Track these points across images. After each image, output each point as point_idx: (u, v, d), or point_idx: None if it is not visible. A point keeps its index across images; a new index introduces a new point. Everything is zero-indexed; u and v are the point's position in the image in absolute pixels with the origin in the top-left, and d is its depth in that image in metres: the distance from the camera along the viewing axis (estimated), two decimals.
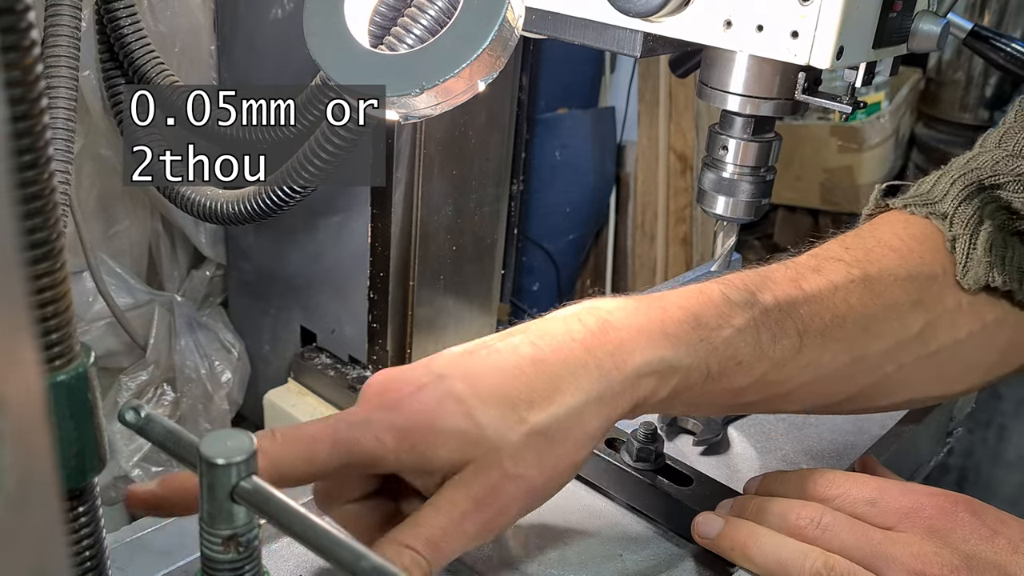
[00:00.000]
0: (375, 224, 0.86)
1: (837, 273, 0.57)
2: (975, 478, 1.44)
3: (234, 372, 1.04)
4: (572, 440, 0.47)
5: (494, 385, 0.46)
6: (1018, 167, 0.63)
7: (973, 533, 0.50)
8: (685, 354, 0.50)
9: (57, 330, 0.27)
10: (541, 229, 1.58)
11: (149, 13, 0.85)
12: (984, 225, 0.60)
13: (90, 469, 0.30)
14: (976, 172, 0.63)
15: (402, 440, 0.44)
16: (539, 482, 0.46)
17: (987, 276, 0.59)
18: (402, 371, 0.48)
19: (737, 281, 0.54)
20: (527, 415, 0.45)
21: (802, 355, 0.54)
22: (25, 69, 0.22)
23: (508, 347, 0.48)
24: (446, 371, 0.46)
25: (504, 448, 0.45)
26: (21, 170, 0.23)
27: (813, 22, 0.52)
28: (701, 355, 0.50)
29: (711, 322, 0.51)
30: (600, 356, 0.48)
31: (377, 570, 0.28)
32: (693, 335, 0.50)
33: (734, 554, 0.54)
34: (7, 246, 0.18)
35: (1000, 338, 0.63)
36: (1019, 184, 0.62)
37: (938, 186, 0.63)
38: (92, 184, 0.94)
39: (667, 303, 0.51)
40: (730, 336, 0.51)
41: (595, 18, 0.59)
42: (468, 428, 0.45)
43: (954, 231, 0.60)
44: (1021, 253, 0.61)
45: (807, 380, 0.55)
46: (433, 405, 0.45)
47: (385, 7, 0.62)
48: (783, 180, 1.83)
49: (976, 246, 0.59)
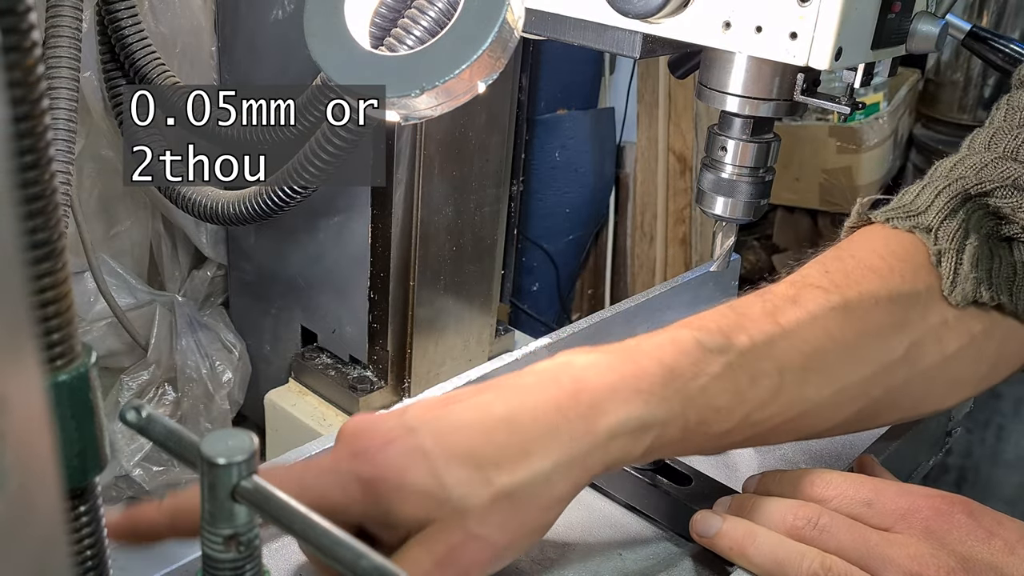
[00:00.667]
0: (375, 224, 0.86)
1: (816, 301, 0.55)
2: (974, 478, 1.44)
3: (235, 372, 1.04)
4: (539, 504, 0.46)
5: (463, 444, 0.45)
6: (1007, 170, 0.61)
7: (969, 534, 0.50)
8: (659, 409, 0.49)
9: (58, 330, 0.27)
10: (541, 229, 1.58)
11: (150, 14, 0.85)
12: (970, 239, 0.58)
13: (91, 469, 0.30)
14: (961, 182, 0.60)
15: (367, 493, 0.44)
16: (503, 544, 0.45)
17: (975, 292, 0.58)
18: (374, 420, 0.47)
19: (711, 324, 0.53)
20: (494, 477, 0.44)
21: (783, 393, 0.53)
22: (27, 70, 0.22)
23: (481, 404, 0.47)
24: (417, 425, 0.45)
25: (469, 510, 0.44)
26: (22, 170, 0.23)
27: (812, 23, 0.52)
28: (677, 408, 0.49)
29: (685, 372, 0.50)
30: (572, 418, 0.47)
31: (377, 570, 0.28)
32: (667, 388, 0.49)
33: (732, 553, 0.54)
34: (9, 246, 0.18)
35: (989, 349, 0.61)
36: (1007, 189, 0.60)
37: (921, 197, 0.61)
38: (93, 184, 0.95)
39: (640, 355, 0.50)
40: (706, 384, 0.50)
41: (594, 19, 0.59)
42: (433, 487, 0.44)
43: (939, 245, 0.58)
44: (1008, 263, 0.60)
45: (792, 416, 0.54)
46: (400, 460, 0.44)
47: (385, 8, 0.62)
48: (782, 181, 1.83)
49: (963, 262, 0.58)
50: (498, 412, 0.47)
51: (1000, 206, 0.60)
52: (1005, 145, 0.63)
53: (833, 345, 0.54)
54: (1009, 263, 0.60)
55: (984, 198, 0.60)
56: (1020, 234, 0.61)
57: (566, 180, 1.59)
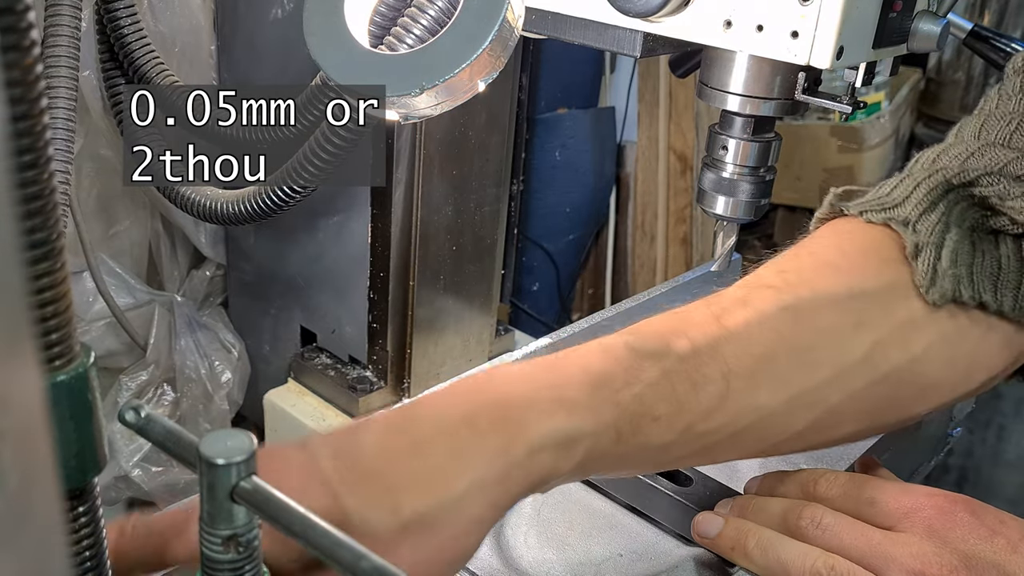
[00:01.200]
0: (375, 224, 0.86)
1: (766, 302, 0.51)
2: (975, 478, 1.44)
3: (234, 372, 1.04)
4: (453, 528, 0.42)
5: (367, 468, 0.41)
6: (996, 157, 0.57)
7: (972, 533, 0.50)
8: (586, 421, 0.45)
9: (57, 330, 0.27)
10: (541, 229, 1.58)
11: (149, 13, 0.85)
12: (951, 233, 0.54)
13: (90, 469, 0.30)
14: (943, 172, 0.56)
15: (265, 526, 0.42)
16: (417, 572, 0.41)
17: (954, 290, 0.53)
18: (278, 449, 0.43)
19: (649, 329, 0.49)
20: (402, 501, 0.41)
21: (731, 400, 0.48)
22: (25, 69, 0.22)
23: (390, 427, 0.43)
24: (319, 451, 0.42)
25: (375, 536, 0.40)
26: (21, 170, 0.23)
27: (813, 22, 0.52)
28: (607, 418, 0.45)
29: (616, 381, 0.46)
30: (486, 435, 0.43)
31: (377, 570, 0.27)
32: (595, 398, 0.45)
33: (734, 554, 0.54)
34: (7, 246, 0.18)
35: (963, 351, 0.56)
36: (994, 177, 0.55)
37: (899, 189, 0.57)
38: (92, 184, 0.94)
39: (566, 364, 0.47)
40: (641, 392, 0.46)
41: (595, 18, 0.59)
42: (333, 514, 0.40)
43: (917, 238, 0.54)
44: (993, 257, 0.55)
45: (742, 426, 0.49)
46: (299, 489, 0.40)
47: (385, 7, 0.62)
48: (783, 180, 1.82)
49: (941, 257, 0.53)
50: (408, 432, 0.43)
51: (987, 195, 0.55)
52: (997, 132, 0.59)
53: (784, 348, 0.51)
54: (994, 258, 0.55)
55: (968, 188, 0.56)
56: (1008, 226, 0.56)
57: (566, 179, 1.59)
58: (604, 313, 0.85)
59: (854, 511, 0.54)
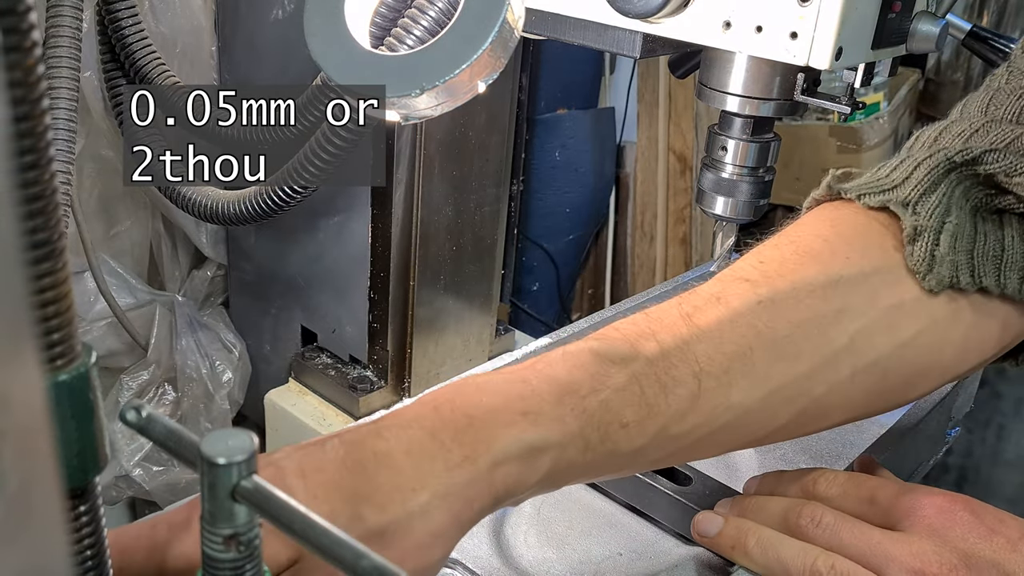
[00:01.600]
0: (375, 224, 0.86)
1: (741, 297, 0.50)
2: (974, 478, 1.44)
3: (235, 372, 1.04)
4: (414, 541, 0.41)
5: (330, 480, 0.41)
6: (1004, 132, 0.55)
7: (971, 532, 0.50)
8: (552, 431, 0.44)
9: (58, 330, 0.27)
10: (541, 229, 1.58)
11: (150, 14, 0.85)
12: (951, 216, 0.52)
13: (91, 469, 0.30)
14: (944, 152, 0.54)
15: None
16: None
17: (952, 277, 0.52)
18: None
19: (616, 334, 0.48)
20: (364, 513, 0.40)
21: (704, 400, 0.47)
22: (27, 70, 0.22)
23: (354, 439, 0.43)
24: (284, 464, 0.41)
25: None
26: (23, 170, 0.23)
27: (812, 23, 0.52)
28: (573, 427, 0.44)
29: (582, 388, 0.45)
30: (449, 447, 0.42)
31: (378, 570, 0.28)
32: (560, 407, 0.44)
33: (734, 553, 0.54)
34: (9, 246, 0.18)
35: (954, 335, 0.54)
36: (1000, 153, 0.53)
37: (898, 171, 0.54)
38: (93, 184, 0.95)
39: (530, 374, 0.46)
40: (608, 398, 0.45)
41: (595, 19, 0.59)
42: None
43: (917, 220, 0.52)
44: (996, 238, 0.53)
45: (719, 425, 0.48)
46: None
47: (385, 8, 0.62)
48: (782, 180, 1.82)
49: (940, 243, 0.51)
50: (371, 445, 0.43)
51: (992, 172, 0.53)
52: (1006, 108, 0.57)
53: (760, 343, 0.49)
54: (997, 239, 0.53)
55: (972, 166, 0.54)
56: (1014, 204, 0.54)
57: (566, 180, 1.59)
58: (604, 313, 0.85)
59: (854, 510, 0.54)
